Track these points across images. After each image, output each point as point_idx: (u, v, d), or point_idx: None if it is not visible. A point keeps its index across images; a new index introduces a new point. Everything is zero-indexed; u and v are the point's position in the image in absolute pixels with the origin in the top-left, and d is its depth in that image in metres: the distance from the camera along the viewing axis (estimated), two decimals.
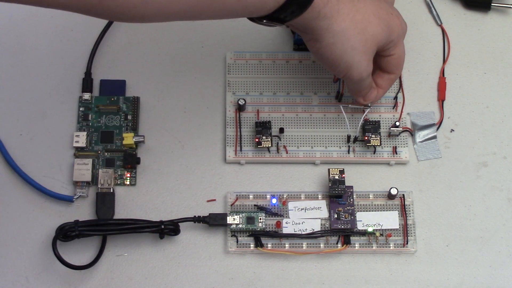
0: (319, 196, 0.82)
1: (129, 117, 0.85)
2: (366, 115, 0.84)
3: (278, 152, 0.84)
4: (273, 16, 0.69)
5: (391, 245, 0.81)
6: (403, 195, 0.82)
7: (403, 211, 0.81)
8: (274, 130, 0.84)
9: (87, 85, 0.86)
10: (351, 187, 0.82)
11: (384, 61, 0.79)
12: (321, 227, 0.81)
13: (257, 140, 0.83)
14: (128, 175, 0.83)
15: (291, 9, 0.68)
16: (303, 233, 0.80)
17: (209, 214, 0.81)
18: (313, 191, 0.83)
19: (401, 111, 0.86)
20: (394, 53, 0.78)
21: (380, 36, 0.74)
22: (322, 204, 0.81)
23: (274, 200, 0.81)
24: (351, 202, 0.81)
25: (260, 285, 0.80)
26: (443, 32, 0.90)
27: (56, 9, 0.62)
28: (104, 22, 0.88)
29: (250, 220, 0.80)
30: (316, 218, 0.81)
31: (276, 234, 0.80)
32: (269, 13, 0.68)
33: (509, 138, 0.86)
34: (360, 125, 0.83)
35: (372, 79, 0.79)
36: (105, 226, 0.78)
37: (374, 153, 0.84)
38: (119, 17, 0.64)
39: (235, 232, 0.80)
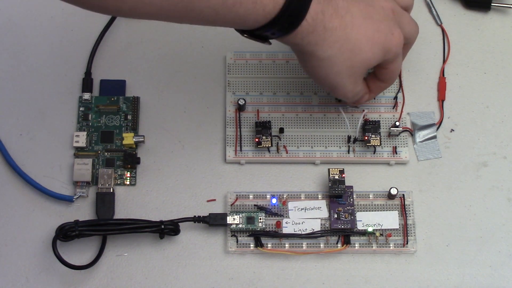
0: (319, 196, 0.82)
1: (129, 117, 0.85)
2: (365, 115, 0.84)
3: (278, 152, 0.84)
4: (254, 33, 0.68)
5: (391, 245, 0.81)
6: (403, 195, 0.82)
7: (403, 211, 0.81)
8: (274, 130, 0.84)
9: (87, 85, 0.86)
10: (351, 187, 0.82)
11: (378, 71, 0.78)
12: (321, 227, 0.81)
13: (257, 140, 0.83)
14: (128, 175, 0.83)
15: (271, 31, 0.67)
16: (303, 233, 0.80)
17: (209, 214, 0.81)
18: (313, 191, 0.83)
19: (401, 111, 0.86)
20: (388, 67, 0.76)
21: (371, 60, 0.72)
22: (322, 204, 0.81)
23: (274, 200, 0.81)
24: (351, 202, 0.81)
25: (260, 285, 0.80)
26: (443, 32, 0.90)
27: None
28: (104, 22, 0.88)
29: (250, 220, 0.80)
30: (316, 218, 0.81)
31: (276, 234, 0.80)
32: (250, 30, 0.68)
33: (509, 138, 0.86)
34: (359, 126, 0.83)
35: (365, 82, 0.78)
36: (105, 226, 0.78)
37: (374, 153, 0.84)
38: (93, 7, 0.63)
39: (235, 232, 0.80)
